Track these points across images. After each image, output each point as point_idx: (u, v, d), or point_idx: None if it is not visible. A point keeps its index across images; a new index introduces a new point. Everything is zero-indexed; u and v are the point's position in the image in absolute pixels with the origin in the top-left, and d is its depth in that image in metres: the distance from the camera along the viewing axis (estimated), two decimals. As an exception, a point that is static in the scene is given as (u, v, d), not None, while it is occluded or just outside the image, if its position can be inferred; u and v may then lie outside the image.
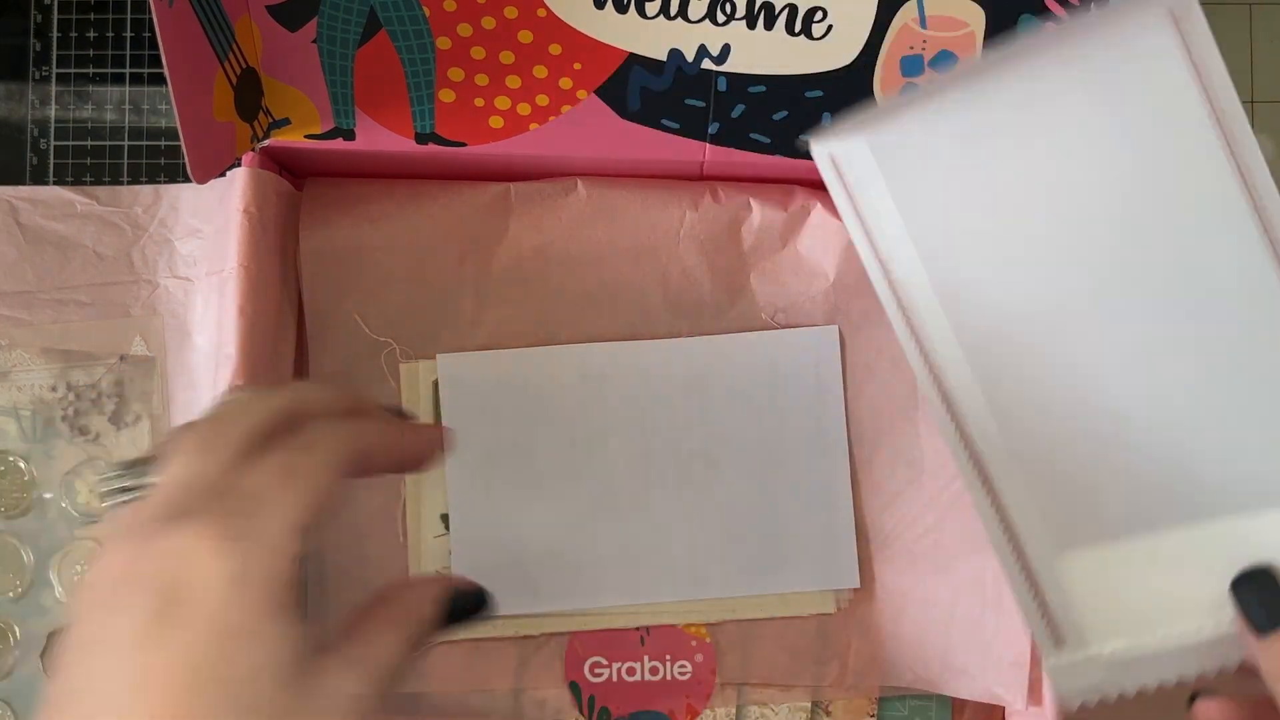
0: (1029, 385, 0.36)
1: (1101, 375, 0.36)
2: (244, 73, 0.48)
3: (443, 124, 0.50)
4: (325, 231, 0.52)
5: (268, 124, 0.50)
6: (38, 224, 0.54)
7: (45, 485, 0.52)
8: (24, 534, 0.52)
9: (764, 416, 0.52)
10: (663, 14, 0.49)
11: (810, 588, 0.52)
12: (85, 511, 0.52)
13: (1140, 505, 0.35)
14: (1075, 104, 0.35)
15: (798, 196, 0.53)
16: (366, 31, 0.49)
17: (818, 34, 0.49)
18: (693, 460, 0.52)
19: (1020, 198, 0.36)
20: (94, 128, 0.57)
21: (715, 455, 0.52)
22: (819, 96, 0.50)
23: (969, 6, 0.48)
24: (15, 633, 0.51)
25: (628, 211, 0.53)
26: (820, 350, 0.53)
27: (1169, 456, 0.35)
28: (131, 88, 0.57)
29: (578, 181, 0.53)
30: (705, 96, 0.50)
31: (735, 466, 0.52)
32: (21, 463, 0.52)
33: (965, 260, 0.37)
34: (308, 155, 0.51)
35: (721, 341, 0.52)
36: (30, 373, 0.53)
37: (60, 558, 0.52)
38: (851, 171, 0.39)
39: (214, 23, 0.45)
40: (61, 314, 0.54)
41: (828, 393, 0.52)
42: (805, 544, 0.52)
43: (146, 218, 0.54)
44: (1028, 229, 0.36)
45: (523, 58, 0.49)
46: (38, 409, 0.53)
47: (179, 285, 0.54)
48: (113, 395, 0.53)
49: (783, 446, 0.52)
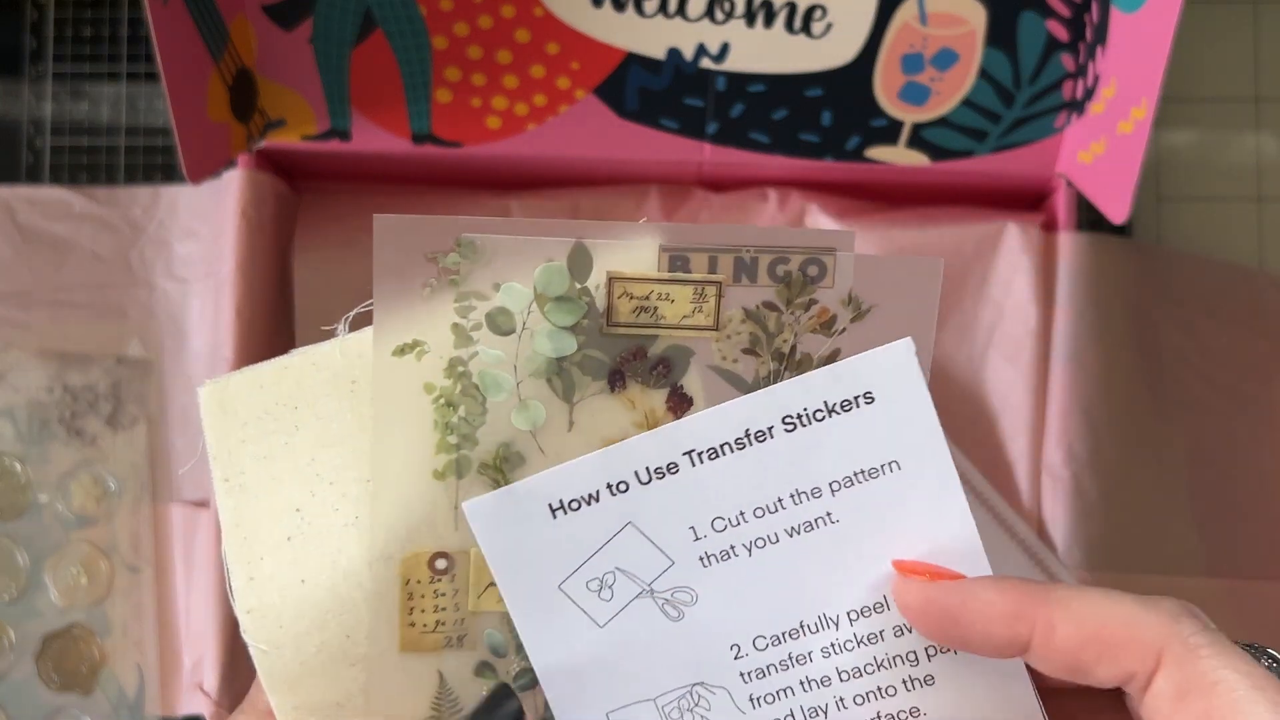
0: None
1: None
2: (239, 73, 0.48)
3: (439, 124, 0.50)
4: (322, 239, 0.52)
5: (263, 125, 0.50)
6: (35, 224, 0.54)
7: (41, 487, 0.52)
8: (19, 536, 0.52)
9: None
10: (661, 12, 0.48)
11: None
12: (80, 514, 0.52)
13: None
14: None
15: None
16: (362, 31, 0.48)
17: (817, 32, 0.49)
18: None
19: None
20: (90, 126, 0.56)
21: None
22: (819, 95, 0.50)
23: (970, 4, 0.48)
24: (9, 636, 0.51)
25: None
26: None
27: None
28: (128, 86, 0.56)
29: (580, 197, 0.52)
30: (704, 96, 0.50)
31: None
32: (17, 465, 0.52)
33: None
34: (304, 156, 0.51)
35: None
36: (26, 374, 0.52)
37: (55, 560, 0.52)
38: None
39: (209, 22, 0.45)
40: (58, 315, 0.53)
41: None
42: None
43: (144, 219, 0.54)
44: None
45: (520, 57, 0.49)
46: (34, 411, 0.52)
47: (176, 287, 0.54)
48: (109, 397, 0.53)
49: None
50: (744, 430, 0.31)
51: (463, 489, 0.37)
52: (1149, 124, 0.43)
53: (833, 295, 0.36)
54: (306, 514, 0.38)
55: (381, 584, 0.37)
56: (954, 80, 0.49)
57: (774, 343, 0.36)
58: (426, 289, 0.37)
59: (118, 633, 0.51)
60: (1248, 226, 0.56)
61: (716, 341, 0.35)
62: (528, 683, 0.37)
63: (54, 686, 0.51)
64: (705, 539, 0.32)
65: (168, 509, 0.52)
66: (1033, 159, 0.51)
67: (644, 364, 0.36)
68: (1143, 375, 0.52)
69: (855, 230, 0.51)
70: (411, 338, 0.37)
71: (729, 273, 0.35)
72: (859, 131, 0.50)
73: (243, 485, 0.38)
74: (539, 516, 0.32)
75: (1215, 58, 0.57)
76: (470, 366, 0.36)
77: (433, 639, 0.38)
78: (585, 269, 0.35)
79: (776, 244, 0.35)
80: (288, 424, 0.38)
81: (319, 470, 0.38)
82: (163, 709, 0.51)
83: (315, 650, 0.38)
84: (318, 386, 0.38)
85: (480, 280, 0.36)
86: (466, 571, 0.37)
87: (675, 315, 0.36)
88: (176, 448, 0.53)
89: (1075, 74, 0.49)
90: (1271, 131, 0.56)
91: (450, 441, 0.36)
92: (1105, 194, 0.47)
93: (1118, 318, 0.52)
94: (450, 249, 0.36)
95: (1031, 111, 0.50)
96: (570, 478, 0.32)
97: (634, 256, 0.35)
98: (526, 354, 0.36)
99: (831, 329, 0.37)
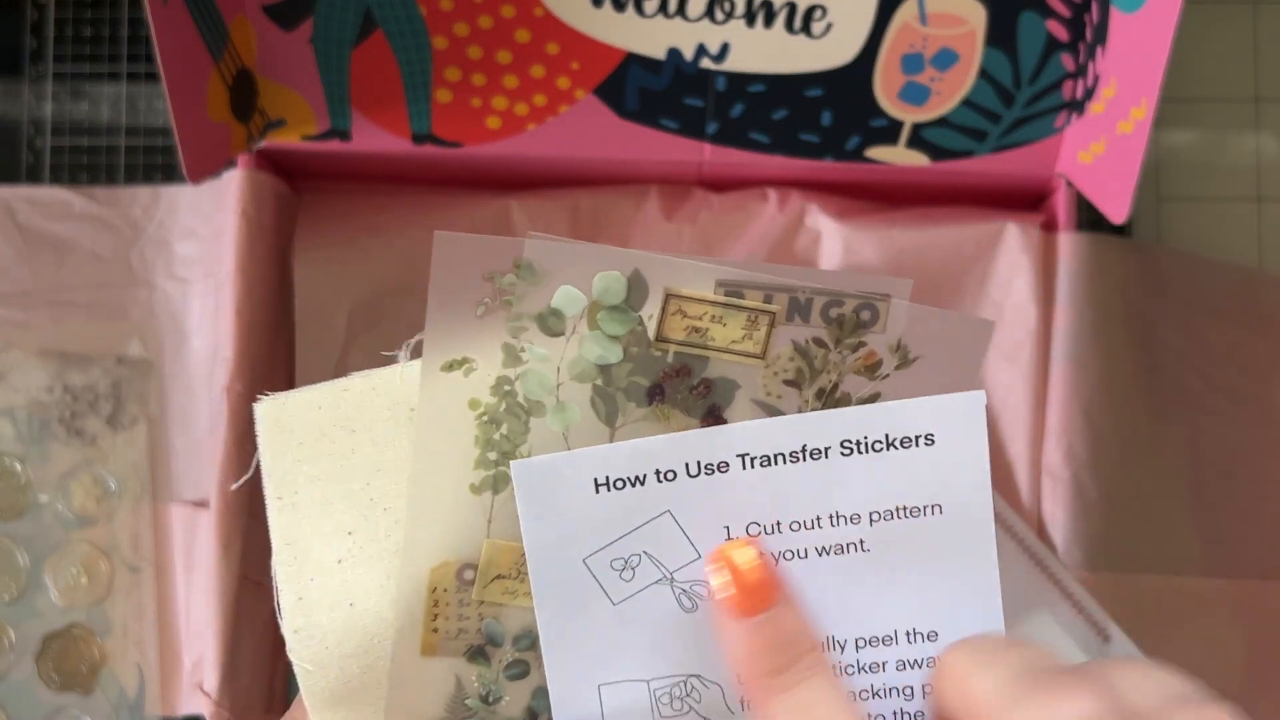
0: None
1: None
2: (239, 73, 0.48)
3: (439, 124, 0.50)
4: (322, 240, 0.52)
5: (263, 125, 0.50)
6: (36, 224, 0.54)
7: (41, 487, 0.52)
8: (19, 536, 0.52)
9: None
10: (661, 12, 0.48)
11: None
12: (80, 514, 0.52)
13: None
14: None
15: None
16: (362, 31, 0.48)
17: (817, 32, 0.49)
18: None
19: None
20: (90, 126, 0.56)
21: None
22: (819, 95, 0.50)
23: (970, 4, 0.48)
24: (10, 636, 0.51)
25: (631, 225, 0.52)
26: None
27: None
28: (128, 86, 0.56)
29: (580, 197, 0.52)
30: (704, 96, 0.50)
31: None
32: (17, 465, 0.52)
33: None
34: (304, 156, 0.51)
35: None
36: (27, 374, 0.52)
37: (55, 560, 0.52)
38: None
39: (209, 22, 0.45)
40: (58, 315, 0.53)
41: None
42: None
43: (145, 219, 0.54)
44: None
45: (520, 57, 0.49)
46: (34, 411, 0.52)
47: (176, 287, 0.54)
48: (109, 397, 0.53)
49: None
50: (801, 445, 0.32)
51: (497, 505, 0.37)
52: (1149, 124, 0.43)
53: (882, 340, 0.36)
54: (359, 538, 0.38)
55: (410, 590, 0.37)
56: (954, 80, 0.49)
57: (817, 380, 0.36)
58: (481, 308, 0.37)
59: (118, 633, 0.52)
60: (1248, 226, 0.56)
61: (762, 372, 0.35)
62: (518, 673, 0.37)
63: (54, 686, 0.51)
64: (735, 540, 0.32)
65: (168, 509, 0.52)
66: (1033, 159, 0.51)
67: (685, 382, 0.36)
68: (1143, 375, 0.52)
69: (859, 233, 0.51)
70: (461, 354, 0.37)
71: (783, 309, 0.35)
72: (859, 131, 0.50)
73: (295, 504, 0.38)
74: (582, 488, 0.32)
75: (1215, 58, 0.57)
76: (516, 385, 0.36)
77: (454, 645, 0.38)
78: (642, 296, 0.35)
79: (832, 288, 0.35)
80: (344, 446, 0.38)
81: (373, 495, 0.38)
82: (163, 709, 0.51)
83: (360, 672, 0.38)
84: (375, 411, 0.38)
85: (536, 303, 0.36)
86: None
87: (725, 339, 0.36)
88: (176, 448, 0.53)
89: (1075, 74, 0.49)
90: (1271, 131, 0.56)
91: (490, 458, 0.36)
92: (1105, 194, 0.47)
93: (1118, 318, 0.52)
94: (508, 270, 0.36)
95: (1031, 111, 0.50)
96: (622, 457, 0.32)
97: (690, 289, 0.35)
98: (572, 357, 0.36)
99: (875, 373, 0.37)
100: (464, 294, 0.37)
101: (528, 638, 0.38)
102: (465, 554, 0.38)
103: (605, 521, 0.32)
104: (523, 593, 0.38)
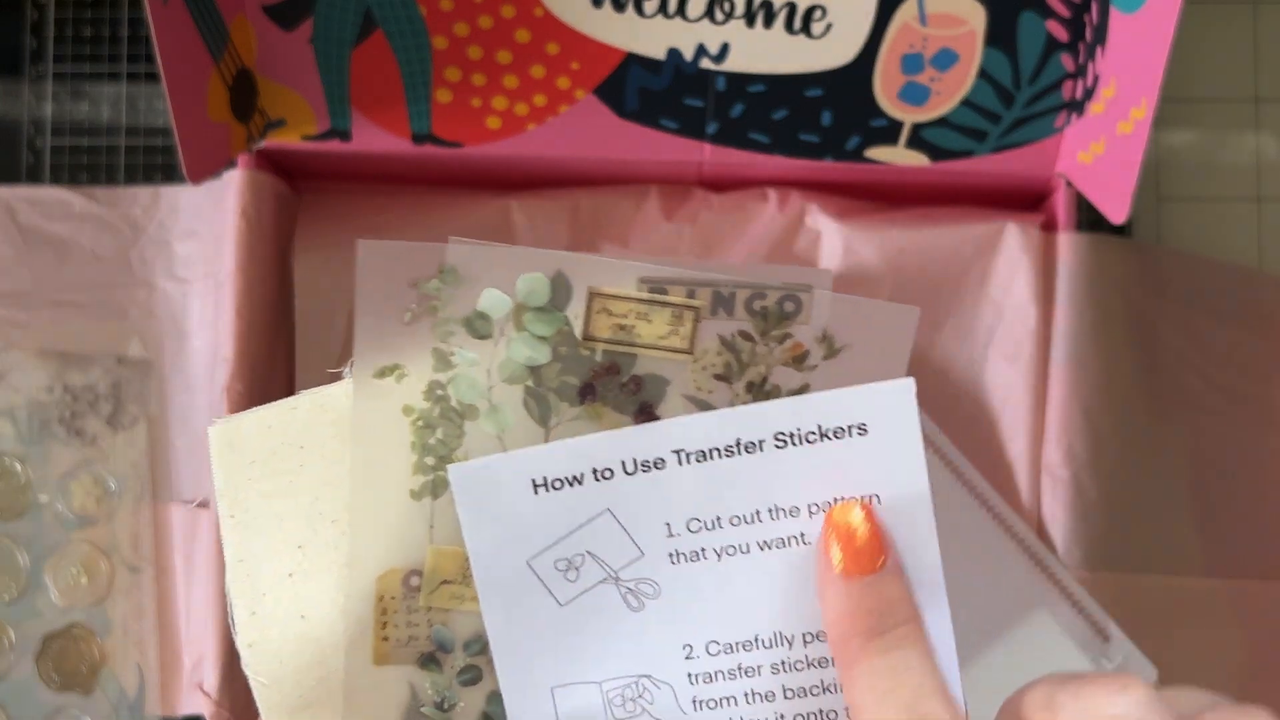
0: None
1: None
2: (239, 73, 0.48)
3: (439, 124, 0.50)
4: (322, 240, 0.52)
5: (263, 125, 0.50)
6: (35, 224, 0.54)
7: (41, 487, 0.52)
8: (19, 537, 0.52)
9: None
10: (661, 12, 0.48)
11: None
12: (80, 514, 0.52)
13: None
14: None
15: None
16: (362, 31, 0.48)
17: (817, 32, 0.49)
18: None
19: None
20: (90, 126, 0.56)
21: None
22: (819, 95, 0.50)
23: (970, 4, 0.48)
24: (10, 636, 0.51)
25: (631, 225, 0.52)
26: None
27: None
28: (128, 86, 0.56)
29: (580, 197, 0.52)
30: (704, 96, 0.50)
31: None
32: (17, 465, 0.52)
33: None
34: (304, 156, 0.51)
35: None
36: (26, 374, 0.52)
37: (55, 560, 0.52)
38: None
39: (209, 22, 0.45)
40: (58, 315, 0.53)
41: None
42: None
43: (145, 219, 0.54)
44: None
45: (520, 57, 0.49)
46: (34, 410, 0.52)
47: (177, 287, 0.54)
48: (109, 397, 0.53)
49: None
50: (735, 439, 0.31)
51: (437, 510, 0.37)
52: (1149, 124, 0.43)
53: (808, 331, 0.36)
54: (308, 551, 0.38)
55: (357, 599, 0.37)
56: (954, 80, 0.49)
57: (746, 373, 0.36)
58: (408, 314, 0.37)
59: (118, 633, 0.52)
60: (1248, 226, 0.56)
61: (691, 367, 0.35)
62: (470, 679, 0.37)
63: (54, 686, 0.51)
64: (678, 537, 0.32)
65: (168, 509, 0.52)
66: (1032, 159, 0.51)
67: (616, 380, 0.36)
68: (1143, 375, 0.52)
69: (859, 233, 0.51)
70: (392, 361, 0.37)
71: (706, 303, 0.35)
72: (859, 131, 0.50)
73: (247, 522, 0.39)
74: (520, 490, 0.32)
75: (1215, 58, 0.57)
76: (449, 390, 0.36)
77: (405, 653, 0.38)
78: (566, 296, 0.35)
79: (754, 281, 0.35)
80: (294, 463, 0.39)
81: (322, 509, 0.38)
82: (163, 709, 0.51)
83: (314, 684, 0.38)
84: (323, 428, 0.38)
85: (462, 307, 0.36)
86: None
87: (651, 336, 0.36)
88: (176, 448, 0.53)
89: (1075, 74, 0.49)
90: (1271, 131, 0.56)
91: (427, 463, 0.36)
92: (1105, 194, 0.47)
93: (1118, 318, 0.52)
94: (433, 275, 0.36)
95: (1031, 111, 0.50)
96: (557, 457, 0.31)
97: (613, 287, 0.35)
98: (501, 359, 0.36)
99: (803, 364, 0.37)
100: (391, 301, 0.37)
101: (478, 643, 0.38)
102: (410, 561, 0.38)
103: (546, 522, 0.32)
104: (470, 597, 0.38)
